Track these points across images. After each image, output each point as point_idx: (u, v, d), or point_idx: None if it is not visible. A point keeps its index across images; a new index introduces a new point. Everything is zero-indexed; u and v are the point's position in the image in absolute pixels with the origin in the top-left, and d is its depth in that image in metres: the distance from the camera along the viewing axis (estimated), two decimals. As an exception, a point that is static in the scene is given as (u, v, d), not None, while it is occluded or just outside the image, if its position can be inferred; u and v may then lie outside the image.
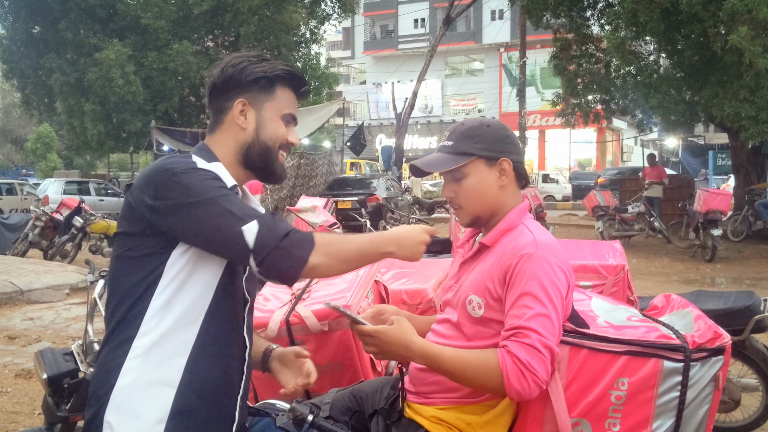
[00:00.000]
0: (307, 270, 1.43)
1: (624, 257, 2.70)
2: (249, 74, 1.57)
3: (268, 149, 1.60)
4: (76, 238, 10.41)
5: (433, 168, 1.71)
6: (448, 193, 1.74)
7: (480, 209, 1.70)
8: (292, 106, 1.64)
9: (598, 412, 1.48)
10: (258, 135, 1.59)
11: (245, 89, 1.58)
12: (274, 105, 1.60)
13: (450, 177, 1.72)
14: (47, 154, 39.80)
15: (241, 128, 1.59)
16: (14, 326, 6.20)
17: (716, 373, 1.49)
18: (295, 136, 1.65)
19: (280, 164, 1.63)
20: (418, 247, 1.58)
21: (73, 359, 2.35)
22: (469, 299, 1.63)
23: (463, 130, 1.73)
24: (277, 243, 1.40)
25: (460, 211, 1.73)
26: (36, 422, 3.83)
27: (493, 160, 1.69)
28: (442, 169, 1.69)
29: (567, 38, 14.61)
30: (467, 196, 1.70)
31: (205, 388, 1.46)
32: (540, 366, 1.43)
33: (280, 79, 1.60)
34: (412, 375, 1.75)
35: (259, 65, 1.58)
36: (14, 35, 20.45)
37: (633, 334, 1.51)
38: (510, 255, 1.58)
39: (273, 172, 1.63)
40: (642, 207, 12.67)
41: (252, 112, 1.59)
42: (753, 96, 10.10)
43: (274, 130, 1.60)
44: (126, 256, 1.48)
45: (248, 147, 1.59)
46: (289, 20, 20.09)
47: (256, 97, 1.59)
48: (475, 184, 1.69)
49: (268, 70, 1.58)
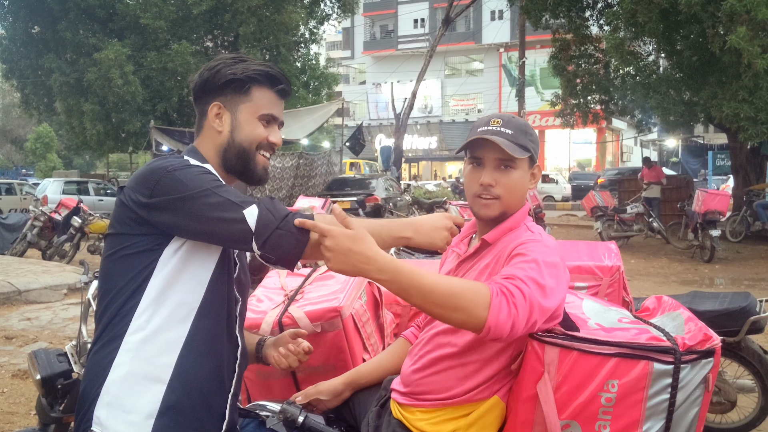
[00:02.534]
0: (310, 248, 1.43)
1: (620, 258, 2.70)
2: (221, 77, 1.57)
3: (244, 151, 1.58)
4: (74, 238, 10.42)
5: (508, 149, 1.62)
6: (489, 180, 1.65)
7: (512, 204, 1.68)
8: (272, 106, 1.61)
9: (588, 414, 1.48)
10: (233, 137, 1.58)
11: (220, 92, 1.58)
12: (249, 106, 1.59)
13: (498, 164, 1.66)
14: (47, 154, 39.81)
15: (217, 132, 1.59)
16: (12, 326, 6.20)
17: (706, 375, 1.49)
18: (277, 136, 1.63)
19: (260, 166, 1.61)
20: (438, 233, 1.56)
21: (66, 360, 2.36)
22: None
23: (518, 123, 1.69)
24: (279, 224, 1.41)
25: (495, 202, 1.67)
26: (32, 422, 3.83)
27: (533, 163, 1.72)
28: (513, 153, 1.63)
29: (566, 38, 14.61)
30: (510, 188, 1.66)
31: (195, 385, 1.47)
32: (523, 310, 1.39)
33: (254, 80, 1.58)
34: (403, 376, 1.75)
35: (232, 67, 1.57)
36: (14, 35, 20.45)
37: (623, 336, 1.51)
38: (515, 242, 1.60)
39: (252, 174, 1.61)
40: (641, 207, 12.68)
41: (227, 115, 1.59)
42: (752, 96, 10.11)
43: (249, 132, 1.59)
44: (117, 256, 1.49)
45: (224, 150, 1.59)
46: (289, 20, 20.09)
47: (231, 100, 1.58)
48: (519, 179, 1.67)
49: (240, 71, 1.57)
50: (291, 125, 17.32)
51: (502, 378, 1.62)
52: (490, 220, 1.70)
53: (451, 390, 1.62)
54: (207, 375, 1.50)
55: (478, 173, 1.68)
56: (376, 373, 1.92)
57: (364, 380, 1.91)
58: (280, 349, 1.76)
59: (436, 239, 1.56)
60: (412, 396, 1.69)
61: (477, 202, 1.69)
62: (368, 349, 2.20)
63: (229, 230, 1.41)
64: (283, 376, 2.11)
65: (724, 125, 12.20)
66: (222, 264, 1.53)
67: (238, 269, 1.61)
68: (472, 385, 1.61)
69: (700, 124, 16.88)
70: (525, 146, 1.66)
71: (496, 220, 1.70)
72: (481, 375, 1.61)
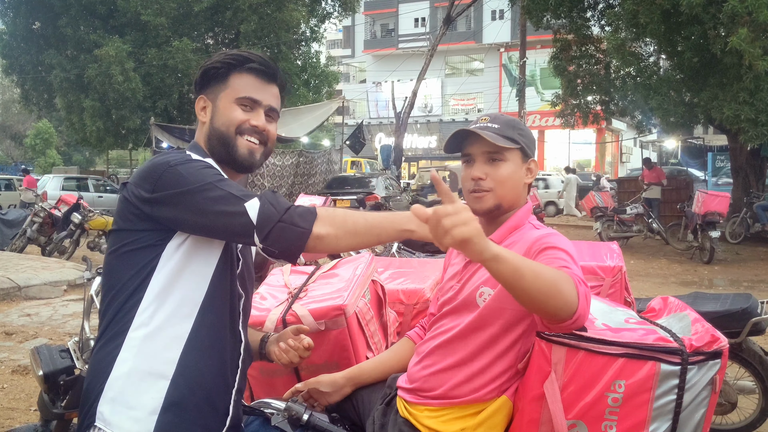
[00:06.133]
0: (312, 241, 1.42)
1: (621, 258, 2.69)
2: (203, 70, 1.63)
3: (222, 135, 1.59)
4: (74, 235, 10.40)
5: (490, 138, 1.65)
6: (479, 173, 1.69)
7: (506, 198, 1.70)
8: (252, 90, 1.61)
9: (595, 414, 1.47)
10: (212, 124, 1.61)
11: (205, 86, 1.63)
12: (227, 93, 1.61)
13: (487, 158, 1.70)
14: (46, 150, 39.74)
15: (202, 123, 1.64)
16: (11, 322, 6.19)
17: (713, 377, 1.48)
18: (260, 119, 1.62)
19: (244, 149, 1.60)
20: None
21: (69, 356, 2.35)
22: (480, 292, 1.64)
23: (507, 119, 1.74)
24: (280, 216, 1.41)
25: (487, 194, 1.69)
26: (32, 419, 3.83)
27: (527, 157, 1.74)
28: (498, 143, 1.66)
29: (567, 39, 14.61)
30: (501, 180, 1.69)
31: (199, 381, 1.47)
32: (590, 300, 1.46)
33: (232, 66, 1.61)
34: (410, 374, 1.75)
35: (211, 60, 1.62)
36: (14, 31, 20.44)
37: (630, 336, 1.50)
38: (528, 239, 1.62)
39: (236, 159, 1.60)
40: (641, 208, 12.69)
41: (210, 106, 1.63)
42: (752, 98, 10.11)
43: (226, 116, 1.60)
44: (120, 252, 1.49)
45: (208, 139, 1.62)
46: (290, 18, 20.08)
47: (213, 91, 1.63)
48: (511, 172, 1.70)
49: (216, 61, 1.61)
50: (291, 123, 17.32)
51: (510, 377, 1.62)
52: (486, 215, 1.71)
53: (459, 389, 1.62)
54: (210, 371, 1.49)
55: (470, 170, 1.72)
56: (378, 371, 1.92)
57: (366, 377, 1.91)
58: (281, 345, 1.78)
59: None
60: (419, 394, 1.68)
61: (471, 197, 1.72)
62: (371, 347, 2.19)
63: (231, 223, 1.42)
64: (287, 374, 2.11)
65: (725, 127, 12.20)
66: (225, 259, 1.53)
67: (241, 265, 1.61)
68: (479, 384, 1.61)
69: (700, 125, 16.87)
70: (512, 138, 1.70)
71: (495, 215, 1.71)
72: (489, 374, 1.61)
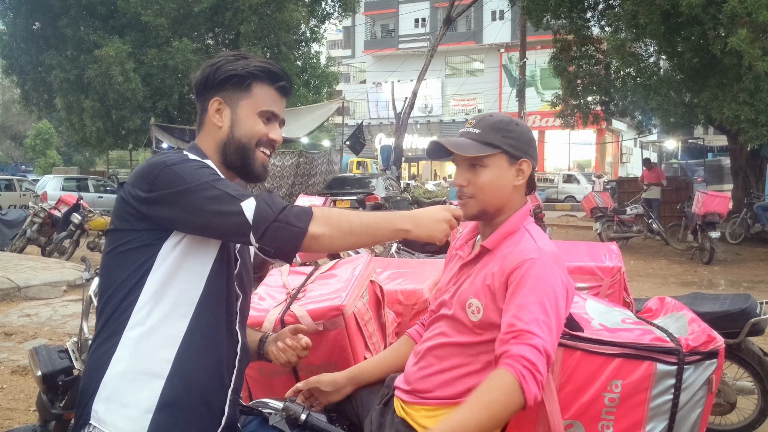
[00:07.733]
0: (308, 240, 1.43)
1: (620, 259, 2.70)
2: (222, 73, 1.58)
3: (243, 147, 1.59)
4: (74, 235, 10.39)
5: (458, 149, 1.65)
6: (461, 180, 1.68)
7: (490, 203, 1.67)
8: (272, 103, 1.61)
9: (591, 414, 1.48)
10: (232, 133, 1.59)
11: (220, 88, 1.59)
12: (249, 102, 1.59)
13: (468, 164, 1.67)
14: (46, 150, 39.75)
15: (217, 127, 1.60)
16: (11, 323, 6.19)
17: (710, 377, 1.49)
18: (278, 133, 1.63)
19: (259, 162, 1.61)
20: (437, 225, 1.55)
21: (68, 356, 2.36)
22: (468, 303, 1.62)
23: (492, 121, 1.69)
24: (276, 216, 1.41)
25: (470, 201, 1.68)
26: (31, 419, 3.83)
27: (515, 159, 1.68)
28: (468, 153, 1.64)
29: (567, 39, 14.60)
30: (481, 186, 1.66)
31: (194, 380, 1.47)
32: (543, 368, 1.41)
33: (256, 76, 1.59)
34: (407, 374, 1.75)
35: (233, 63, 1.58)
36: (14, 31, 20.46)
37: (627, 336, 1.51)
38: (513, 259, 1.56)
39: (251, 171, 1.61)
40: (640, 209, 12.68)
41: (227, 111, 1.59)
42: (752, 99, 10.11)
43: (249, 127, 1.59)
44: (117, 251, 1.49)
45: (224, 145, 1.59)
46: (290, 19, 20.09)
47: (231, 96, 1.59)
48: (493, 177, 1.66)
49: (240, 68, 1.57)
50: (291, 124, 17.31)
51: None
52: (474, 220, 1.71)
53: (456, 388, 1.62)
54: (206, 370, 1.49)
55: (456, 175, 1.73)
56: (378, 370, 1.91)
57: (367, 376, 1.90)
58: (279, 344, 1.78)
59: (435, 232, 1.55)
60: (415, 394, 1.68)
61: (459, 203, 1.72)
62: (370, 348, 2.19)
63: (226, 223, 1.42)
64: (285, 374, 2.11)
65: (725, 127, 12.20)
66: (221, 259, 1.53)
67: (239, 265, 1.61)
68: (476, 383, 1.60)
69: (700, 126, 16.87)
70: (493, 143, 1.65)
71: (488, 218, 1.70)
72: (485, 374, 1.60)
